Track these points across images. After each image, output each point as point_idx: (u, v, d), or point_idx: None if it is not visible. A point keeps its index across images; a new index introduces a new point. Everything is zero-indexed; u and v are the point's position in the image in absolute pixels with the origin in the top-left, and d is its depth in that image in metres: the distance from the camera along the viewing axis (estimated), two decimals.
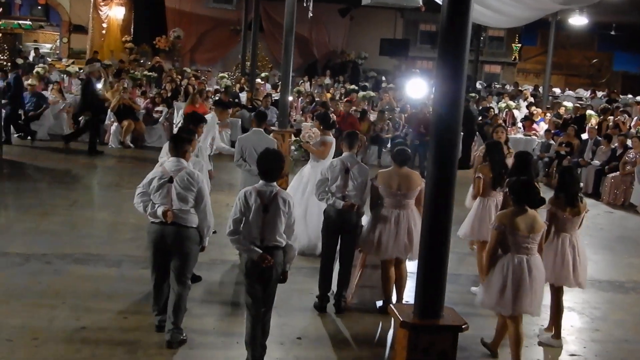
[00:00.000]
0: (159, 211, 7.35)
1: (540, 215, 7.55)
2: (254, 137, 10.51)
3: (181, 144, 7.69)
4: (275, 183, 6.98)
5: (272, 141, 10.65)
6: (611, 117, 22.49)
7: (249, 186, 7.05)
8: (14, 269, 9.38)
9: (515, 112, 23.57)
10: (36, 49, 31.45)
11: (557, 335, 8.43)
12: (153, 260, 7.62)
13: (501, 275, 7.32)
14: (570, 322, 9.17)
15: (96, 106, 19.00)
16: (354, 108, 21.74)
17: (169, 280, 7.60)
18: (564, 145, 19.34)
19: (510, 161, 9.93)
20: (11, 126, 18.97)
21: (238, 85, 25.92)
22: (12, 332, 7.46)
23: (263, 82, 26.94)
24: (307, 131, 17.66)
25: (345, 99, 23.26)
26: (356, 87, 25.83)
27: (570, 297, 9.76)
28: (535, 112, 23.26)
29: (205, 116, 10.58)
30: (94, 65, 21.14)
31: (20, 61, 26.02)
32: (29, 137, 19.27)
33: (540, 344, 8.39)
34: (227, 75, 26.52)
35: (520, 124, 22.66)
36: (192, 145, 8.24)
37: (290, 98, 19.07)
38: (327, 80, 28.84)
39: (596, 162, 18.12)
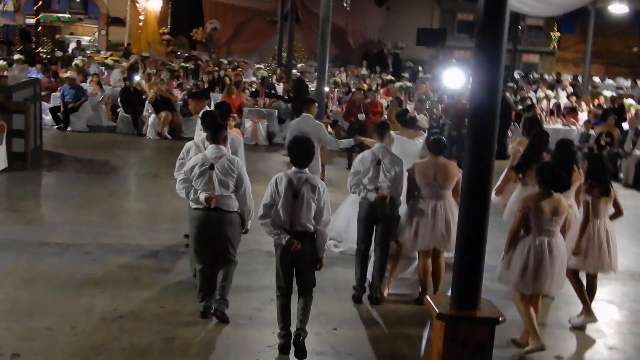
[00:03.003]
0: (202, 197, 7.58)
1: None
2: (302, 122, 10.80)
3: (220, 131, 7.89)
4: (306, 170, 7.09)
5: (320, 125, 10.97)
6: None
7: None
8: (53, 259, 9.50)
9: (554, 100, 23.32)
10: (78, 42, 31.74)
11: (589, 312, 8.42)
12: (197, 245, 7.84)
13: (522, 256, 7.45)
14: (610, 315, 9.08)
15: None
16: (390, 98, 21.71)
17: (213, 266, 7.80)
18: (604, 135, 19.06)
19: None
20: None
21: (274, 76, 25.95)
22: (52, 321, 7.55)
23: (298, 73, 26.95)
24: None
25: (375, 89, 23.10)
26: (393, 78, 25.69)
27: (609, 289, 9.69)
28: (579, 102, 22.97)
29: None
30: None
31: (59, 54, 26.26)
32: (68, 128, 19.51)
33: (573, 328, 8.33)
34: (263, 66, 26.58)
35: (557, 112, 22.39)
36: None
37: (327, 89, 19.05)
38: (364, 71, 28.75)
39: (637, 153, 17.86)
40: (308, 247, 7.02)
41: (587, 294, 8.47)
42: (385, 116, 20.05)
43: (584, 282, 8.55)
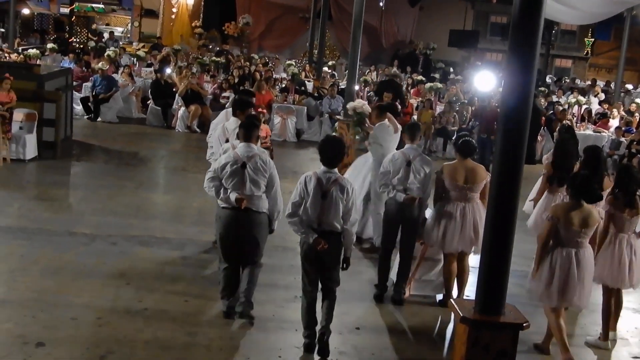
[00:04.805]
0: (232, 197, 7.48)
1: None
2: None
3: (251, 130, 7.76)
4: (336, 170, 7.08)
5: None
6: None
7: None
8: (80, 249, 9.57)
9: (586, 106, 23.13)
10: (111, 33, 31.94)
11: (605, 337, 8.26)
12: (223, 244, 7.75)
13: (549, 267, 7.37)
14: (635, 323, 9.01)
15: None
16: (419, 99, 21.66)
17: (238, 265, 7.76)
18: (635, 143, 18.91)
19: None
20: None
21: (304, 73, 25.96)
22: (77, 311, 7.61)
23: (330, 71, 26.93)
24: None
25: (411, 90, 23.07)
26: (424, 79, 25.61)
27: (634, 298, 9.59)
28: (610, 109, 22.77)
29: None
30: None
31: (92, 44, 26.45)
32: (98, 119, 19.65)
33: (587, 344, 8.23)
34: (294, 63, 26.61)
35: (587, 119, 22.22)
36: None
37: (357, 87, 19.03)
38: (395, 70, 28.67)
39: None
40: (334, 247, 7.02)
41: (611, 309, 8.31)
42: (415, 117, 20.01)
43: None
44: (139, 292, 8.28)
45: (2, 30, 24.20)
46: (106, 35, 31.41)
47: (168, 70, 21.71)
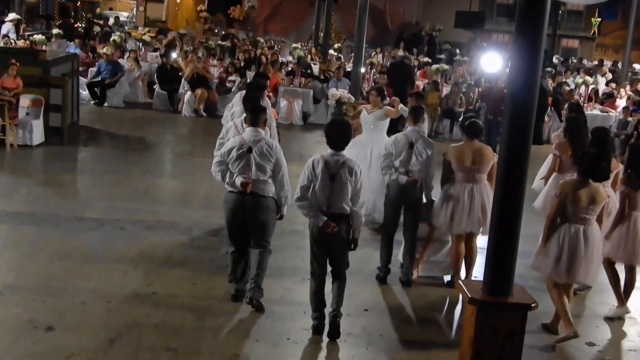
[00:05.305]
0: (238, 181, 7.46)
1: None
2: None
3: (259, 114, 7.74)
4: (343, 152, 7.06)
5: None
6: None
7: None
8: (88, 234, 9.60)
9: (593, 86, 23.05)
10: (116, 18, 31.86)
11: (621, 304, 8.38)
12: (231, 229, 7.75)
13: (557, 244, 7.41)
14: None
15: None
16: (426, 81, 21.61)
17: (247, 249, 7.74)
18: None
19: None
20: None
21: (309, 56, 25.90)
22: (86, 296, 7.65)
23: (335, 54, 26.84)
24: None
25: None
26: (430, 60, 25.52)
27: None
28: (617, 89, 22.68)
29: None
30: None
31: (97, 29, 26.40)
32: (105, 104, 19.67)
33: (607, 319, 8.28)
34: (300, 46, 26.54)
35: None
36: None
37: (363, 70, 18.99)
38: (400, 53, 28.56)
39: None
40: (344, 229, 7.03)
41: (626, 285, 8.37)
42: None
43: (621, 273, 8.47)
44: (148, 277, 8.31)
45: (19, 17, 24.18)
46: (111, 20, 31.34)
47: (174, 55, 21.67)
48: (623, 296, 8.39)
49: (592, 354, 7.57)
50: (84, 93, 19.75)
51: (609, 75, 27.12)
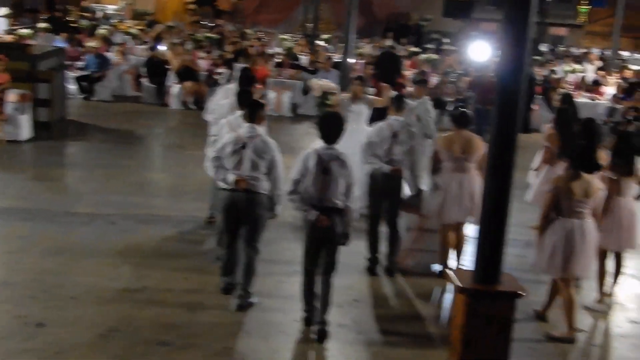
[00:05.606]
0: (231, 178, 7.39)
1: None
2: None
3: (256, 110, 7.65)
4: (336, 146, 7.04)
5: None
6: None
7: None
8: (80, 229, 9.59)
9: (582, 74, 23.14)
10: (103, 11, 31.76)
11: (601, 299, 8.43)
12: (224, 226, 7.71)
13: (552, 239, 7.38)
14: (632, 289, 9.10)
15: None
16: (415, 70, 21.62)
17: (237, 245, 7.69)
18: (631, 110, 18.89)
19: None
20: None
21: (298, 48, 25.86)
22: (77, 290, 7.65)
23: (325, 45, 26.81)
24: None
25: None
26: (419, 50, 25.52)
27: (632, 264, 9.65)
28: (606, 77, 22.76)
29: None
30: None
31: (84, 23, 26.29)
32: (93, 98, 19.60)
33: (586, 308, 8.30)
34: (288, 37, 26.49)
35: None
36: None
37: (352, 60, 18.97)
38: (389, 42, 28.54)
39: None
40: (336, 223, 6.99)
41: (614, 272, 8.41)
42: (410, 89, 19.94)
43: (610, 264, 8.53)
44: (140, 271, 8.32)
45: (11, 11, 24.08)
46: (99, 14, 31.23)
47: (162, 48, 21.60)
48: (605, 292, 8.42)
49: (581, 340, 7.60)
50: (72, 87, 19.68)
51: (598, 63, 27.18)
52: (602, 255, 8.28)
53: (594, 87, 21.94)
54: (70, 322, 6.97)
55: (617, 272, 8.54)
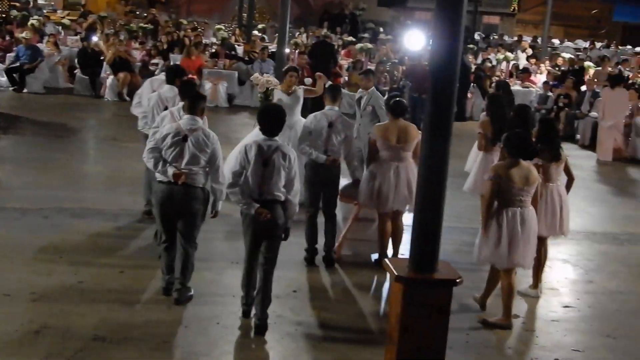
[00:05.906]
0: (170, 172, 7.20)
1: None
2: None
3: (198, 102, 7.47)
4: (277, 138, 7.00)
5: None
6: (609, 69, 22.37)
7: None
8: (11, 224, 9.39)
9: (514, 62, 23.49)
10: (34, 1, 31.06)
11: (535, 285, 8.49)
12: (161, 220, 7.55)
13: (496, 229, 7.38)
14: (564, 274, 9.27)
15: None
16: (350, 60, 21.70)
17: (175, 240, 7.53)
18: (562, 97, 19.26)
19: None
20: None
21: (233, 37, 25.71)
22: (10, 287, 7.49)
23: (260, 34, 26.70)
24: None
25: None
26: (354, 39, 25.60)
27: (564, 249, 9.85)
28: (537, 64, 23.15)
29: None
30: None
31: (15, 13, 25.71)
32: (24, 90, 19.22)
33: (518, 293, 8.34)
34: (223, 27, 26.31)
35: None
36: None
37: (287, 50, 18.94)
38: (325, 32, 28.57)
39: (594, 114, 18.05)
40: (277, 216, 6.92)
41: (538, 261, 8.46)
42: (346, 78, 20.02)
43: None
44: (74, 266, 8.18)
45: None
46: (31, 4, 30.52)
47: (95, 38, 21.28)
48: (540, 279, 8.53)
49: (516, 326, 7.71)
50: (2, 79, 19.30)
51: (529, 51, 27.62)
52: (541, 243, 8.36)
53: (525, 74, 22.31)
54: (3, 318, 6.82)
55: (544, 258, 8.57)
